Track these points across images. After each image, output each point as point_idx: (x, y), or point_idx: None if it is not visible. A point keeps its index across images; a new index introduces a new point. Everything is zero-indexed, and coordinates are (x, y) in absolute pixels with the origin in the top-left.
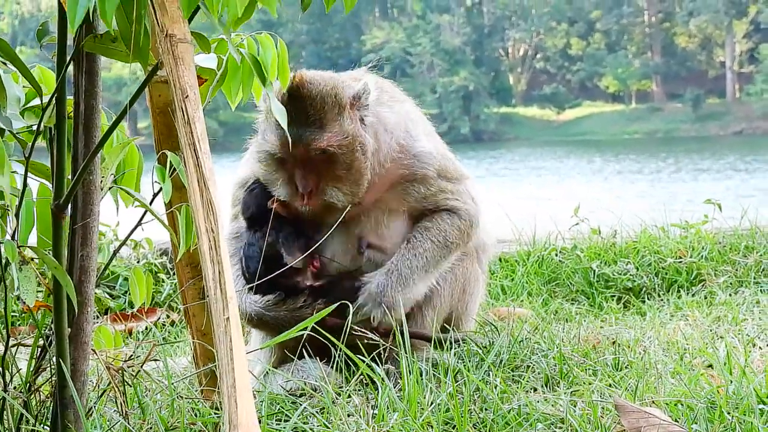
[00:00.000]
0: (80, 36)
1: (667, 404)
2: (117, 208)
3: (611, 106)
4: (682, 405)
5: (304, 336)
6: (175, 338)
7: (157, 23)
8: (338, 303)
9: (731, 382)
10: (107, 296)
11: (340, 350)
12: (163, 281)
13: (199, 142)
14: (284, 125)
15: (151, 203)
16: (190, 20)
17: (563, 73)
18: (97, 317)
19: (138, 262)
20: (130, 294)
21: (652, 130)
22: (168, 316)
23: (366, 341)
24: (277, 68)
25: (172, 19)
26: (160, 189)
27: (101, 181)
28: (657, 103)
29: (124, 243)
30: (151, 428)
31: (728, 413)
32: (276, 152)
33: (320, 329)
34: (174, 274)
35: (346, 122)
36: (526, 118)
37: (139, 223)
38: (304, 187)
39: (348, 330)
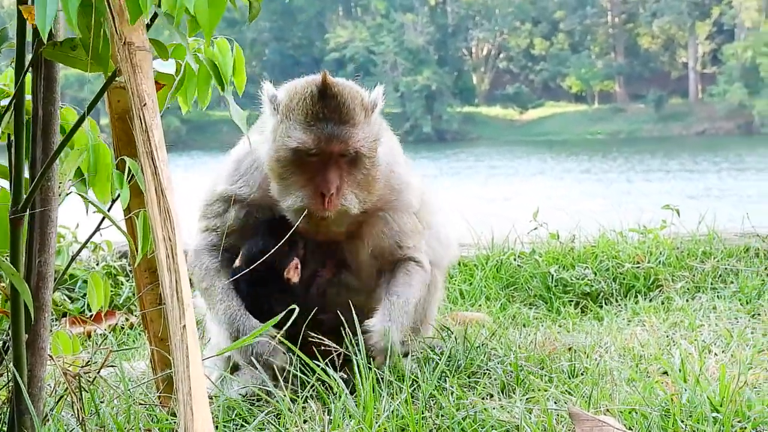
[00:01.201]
0: (39, 42)
1: (621, 412)
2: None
3: (574, 106)
4: (636, 413)
5: None
6: (133, 342)
7: (116, 31)
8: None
9: (685, 390)
10: (66, 299)
11: (297, 356)
12: (123, 284)
13: (157, 150)
14: (244, 130)
15: (109, 209)
16: (148, 27)
17: (526, 73)
18: (55, 320)
19: (97, 264)
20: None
21: (615, 130)
22: (127, 320)
23: (322, 348)
24: (231, 72)
25: (131, 26)
26: (118, 195)
27: (59, 187)
28: (620, 103)
29: (82, 248)
30: None
31: (682, 421)
32: (310, 148)
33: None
34: (134, 276)
35: (372, 125)
36: (489, 117)
37: (98, 229)
38: (328, 189)
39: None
